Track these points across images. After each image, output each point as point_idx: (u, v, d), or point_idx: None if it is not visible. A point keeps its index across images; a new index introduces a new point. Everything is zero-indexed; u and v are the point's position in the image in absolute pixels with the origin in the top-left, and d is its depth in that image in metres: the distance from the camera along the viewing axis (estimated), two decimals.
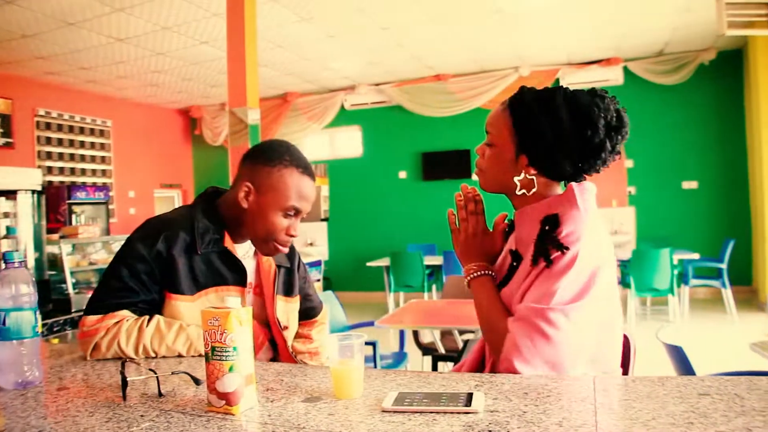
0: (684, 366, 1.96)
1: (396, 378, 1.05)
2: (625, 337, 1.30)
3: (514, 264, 1.20)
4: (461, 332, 3.65)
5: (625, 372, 1.29)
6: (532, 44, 6.72)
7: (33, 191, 5.81)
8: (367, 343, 3.15)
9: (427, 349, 3.86)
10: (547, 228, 1.12)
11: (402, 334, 3.95)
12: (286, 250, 1.38)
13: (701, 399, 0.87)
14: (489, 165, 1.24)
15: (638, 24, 6.01)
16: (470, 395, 0.90)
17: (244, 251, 1.44)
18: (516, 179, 1.20)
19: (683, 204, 7.19)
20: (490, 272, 1.25)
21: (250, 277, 1.43)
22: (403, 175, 8.58)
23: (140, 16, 5.20)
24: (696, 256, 5.79)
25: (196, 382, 1.03)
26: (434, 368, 3.67)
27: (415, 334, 3.88)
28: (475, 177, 8.23)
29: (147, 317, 1.28)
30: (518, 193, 1.21)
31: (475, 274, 1.25)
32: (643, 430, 0.76)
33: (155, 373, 1.01)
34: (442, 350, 3.66)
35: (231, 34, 4.30)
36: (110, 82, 7.50)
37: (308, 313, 1.66)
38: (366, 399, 0.93)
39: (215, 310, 0.89)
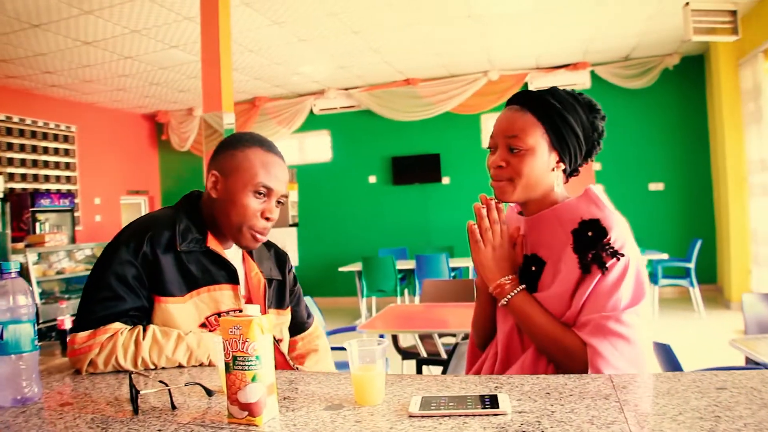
0: (672, 364, 2.00)
1: (412, 383, 1.03)
2: None
3: (534, 269, 1.21)
4: (441, 335, 3.67)
5: None
6: (501, 49, 6.82)
7: None
8: None
9: (407, 353, 3.86)
10: (590, 234, 1.14)
11: (382, 338, 3.93)
12: (264, 238, 1.32)
13: (720, 393, 0.89)
14: (525, 170, 1.20)
15: (606, 29, 6.16)
16: (495, 397, 0.90)
17: (230, 257, 1.38)
18: (552, 175, 1.23)
19: (650, 205, 7.38)
20: (524, 285, 1.22)
21: (240, 287, 1.37)
22: (372, 179, 8.58)
23: (109, 18, 5.08)
24: (665, 256, 5.94)
25: (209, 393, 1.00)
26: (419, 372, 3.67)
27: (395, 338, 3.88)
28: (445, 181, 8.27)
29: (141, 328, 1.22)
30: (557, 189, 1.24)
31: (517, 290, 1.21)
32: (674, 425, 0.77)
33: (167, 386, 0.98)
34: (424, 354, 3.66)
35: (205, 38, 4.23)
36: (75, 87, 7.29)
37: (296, 327, 1.57)
38: (389, 405, 0.91)
39: (236, 319, 0.86)
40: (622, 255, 1.12)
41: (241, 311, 1.31)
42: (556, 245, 1.18)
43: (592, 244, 1.13)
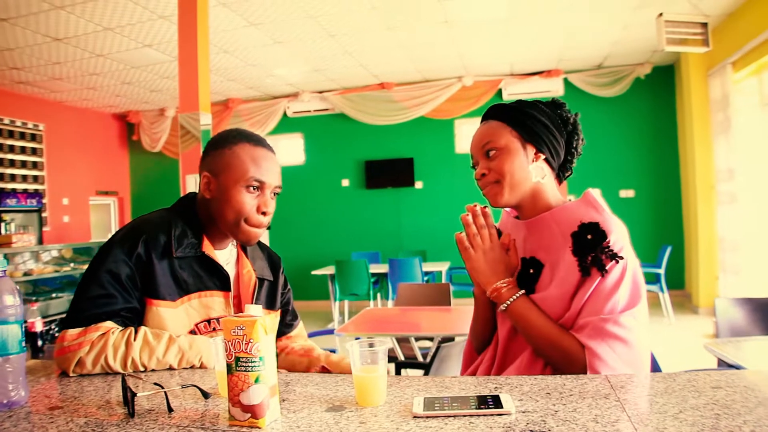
0: (653, 367, 2.04)
1: (411, 384, 1.03)
2: None
3: (532, 271, 1.22)
4: (417, 339, 3.67)
5: None
6: (476, 55, 6.88)
7: None
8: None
9: None
10: (590, 237, 1.15)
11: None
12: (261, 231, 1.32)
13: (716, 392, 0.91)
14: (505, 167, 1.25)
15: (580, 38, 6.28)
16: (497, 397, 0.90)
17: (225, 258, 1.39)
18: (531, 167, 1.25)
19: (621, 212, 7.36)
20: (522, 291, 1.22)
21: (232, 287, 1.37)
22: (345, 183, 8.56)
23: (81, 15, 4.96)
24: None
25: (205, 395, 0.98)
26: (397, 374, 3.66)
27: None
28: (419, 185, 8.29)
29: (133, 329, 1.20)
30: (535, 180, 1.25)
31: (516, 295, 1.20)
32: (676, 423, 0.78)
33: (162, 388, 0.96)
34: (401, 357, 3.66)
35: (183, 37, 4.17)
36: (44, 84, 7.10)
37: (284, 328, 1.57)
38: (391, 406, 0.91)
39: (239, 319, 0.85)
40: (621, 258, 1.14)
41: None
42: (555, 248, 1.20)
43: (591, 247, 1.15)
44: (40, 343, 2.98)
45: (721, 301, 2.77)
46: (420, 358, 3.57)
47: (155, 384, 0.98)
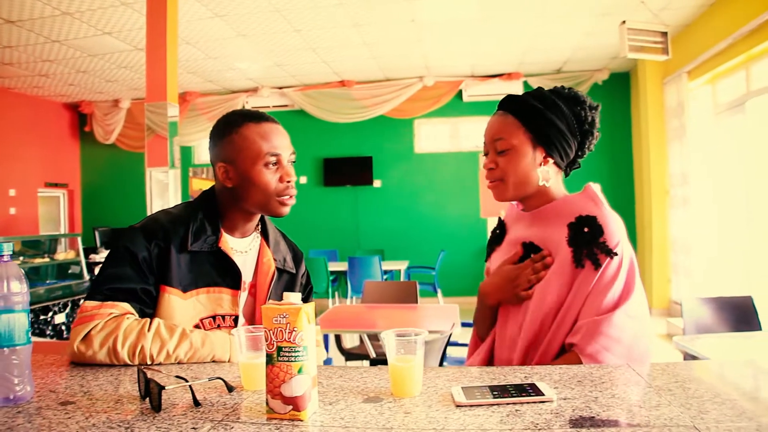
0: None
1: (439, 374, 1.02)
2: None
3: (531, 255, 1.27)
4: None
5: None
6: (439, 55, 6.95)
7: None
8: None
9: (350, 355, 3.83)
10: (586, 230, 1.18)
11: (326, 338, 3.89)
12: (292, 200, 1.32)
13: (738, 378, 0.94)
14: (511, 168, 1.27)
15: (542, 42, 6.43)
16: (534, 385, 0.90)
17: (246, 246, 1.37)
18: (538, 171, 1.27)
19: None
20: None
21: (249, 275, 1.35)
22: (303, 180, 8.49)
23: None
24: None
25: (230, 389, 0.95)
26: None
27: (338, 339, 3.85)
28: (377, 184, 8.29)
29: (148, 321, 1.17)
30: (541, 183, 1.27)
31: None
32: (715, 406, 0.80)
33: (186, 381, 0.91)
34: (373, 354, 3.65)
35: (151, 26, 4.03)
36: None
37: None
38: (429, 396, 0.90)
39: (281, 307, 0.82)
40: (616, 254, 1.16)
41: (236, 317, 1.31)
42: (554, 238, 1.23)
43: (587, 241, 1.17)
44: None
45: (689, 300, 2.89)
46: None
47: (177, 377, 0.93)
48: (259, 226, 1.42)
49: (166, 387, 0.87)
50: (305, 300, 1.51)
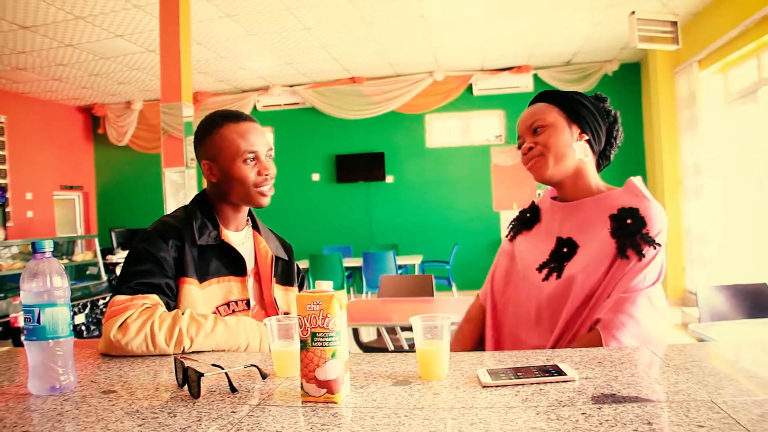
0: None
1: (464, 358, 1.06)
2: None
3: (566, 250, 1.28)
4: (403, 329, 3.71)
5: None
6: (448, 50, 6.95)
7: None
8: None
9: (368, 348, 3.87)
10: (629, 222, 1.22)
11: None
12: (270, 190, 1.45)
13: (753, 358, 0.97)
14: (551, 141, 1.34)
15: (551, 34, 6.42)
16: (556, 366, 0.94)
17: (242, 239, 1.49)
18: (575, 145, 1.34)
19: None
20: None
21: (251, 263, 1.48)
22: (316, 177, 8.54)
23: (52, 2, 4.80)
24: None
25: (263, 376, 0.99)
26: None
27: (355, 333, 3.89)
28: (389, 179, 8.31)
29: (179, 310, 1.26)
30: (578, 157, 1.34)
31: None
32: (733, 383, 0.83)
33: (222, 368, 0.96)
34: (391, 347, 3.69)
35: (165, 27, 4.09)
36: (7, 74, 6.83)
37: None
38: (455, 378, 0.93)
39: (314, 295, 0.86)
40: (659, 245, 1.21)
41: (248, 300, 1.38)
42: (591, 230, 1.27)
43: (631, 233, 1.22)
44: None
45: (703, 288, 2.90)
46: (407, 348, 3.61)
47: (213, 365, 0.97)
48: (250, 221, 1.54)
49: (204, 374, 0.91)
50: (300, 286, 1.64)
